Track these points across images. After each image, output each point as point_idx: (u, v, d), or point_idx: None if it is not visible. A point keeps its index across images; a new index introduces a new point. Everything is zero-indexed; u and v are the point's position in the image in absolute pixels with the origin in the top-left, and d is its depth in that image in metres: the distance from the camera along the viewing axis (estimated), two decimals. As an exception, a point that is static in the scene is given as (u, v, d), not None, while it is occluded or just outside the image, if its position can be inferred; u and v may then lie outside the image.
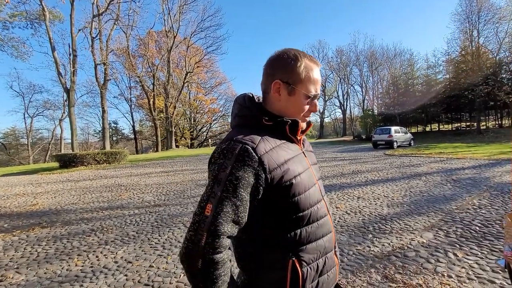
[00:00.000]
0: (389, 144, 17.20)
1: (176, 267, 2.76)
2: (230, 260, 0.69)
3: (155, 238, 3.58)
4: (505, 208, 4.16)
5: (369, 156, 13.49)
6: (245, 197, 0.67)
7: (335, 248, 0.87)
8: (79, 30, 22.72)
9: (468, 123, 30.86)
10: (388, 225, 3.68)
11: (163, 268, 2.75)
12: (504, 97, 24.31)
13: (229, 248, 0.69)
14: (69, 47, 22.19)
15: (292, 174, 0.74)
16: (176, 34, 31.85)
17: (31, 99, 35.00)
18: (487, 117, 30.88)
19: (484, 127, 28.32)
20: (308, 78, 0.80)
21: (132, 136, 43.20)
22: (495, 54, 26.74)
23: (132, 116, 41.41)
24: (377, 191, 5.68)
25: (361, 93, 41.96)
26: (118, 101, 54.18)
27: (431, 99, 29.05)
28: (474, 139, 21.76)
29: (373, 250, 2.93)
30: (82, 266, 2.88)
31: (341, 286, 1.00)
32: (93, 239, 3.65)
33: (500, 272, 2.36)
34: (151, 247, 3.29)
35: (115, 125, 45.15)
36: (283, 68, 0.80)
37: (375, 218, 3.97)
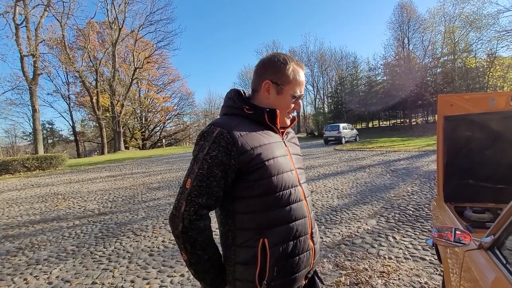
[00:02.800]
0: (338, 140, 18.52)
1: (124, 280, 2.52)
2: (210, 229, 0.80)
3: (99, 251, 3.23)
4: (432, 193, 4.80)
5: (321, 151, 14.35)
6: (218, 174, 0.76)
7: (312, 234, 0.89)
8: (-1, 15, 19.34)
9: (402, 120, 35.08)
10: (338, 215, 3.93)
11: (108, 283, 2.48)
12: (429, 97, 28.24)
13: (207, 218, 0.79)
14: (-15, 34, 18.75)
15: (265, 157, 0.80)
16: (122, 26, 29.31)
17: None
18: (416, 114, 35.43)
19: (415, 122, 32.51)
20: (295, 80, 0.89)
21: (73, 138, 38.44)
22: (421, 60, 30.83)
23: (71, 116, 36.69)
24: (328, 184, 6.05)
25: (313, 92, 44.28)
26: (54, 99, 47.95)
27: (372, 98, 32.24)
28: (407, 133, 24.86)
29: (325, 241, 3.09)
30: (5, 293, 2.44)
31: (318, 273, 1.02)
32: (20, 260, 3.13)
33: (429, 249, 2.70)
34: (94, 261, 2.95)
35: (50, 126, 39.68)
36: (273, 70, 0.88)
37: (327, 210, 4.21)
